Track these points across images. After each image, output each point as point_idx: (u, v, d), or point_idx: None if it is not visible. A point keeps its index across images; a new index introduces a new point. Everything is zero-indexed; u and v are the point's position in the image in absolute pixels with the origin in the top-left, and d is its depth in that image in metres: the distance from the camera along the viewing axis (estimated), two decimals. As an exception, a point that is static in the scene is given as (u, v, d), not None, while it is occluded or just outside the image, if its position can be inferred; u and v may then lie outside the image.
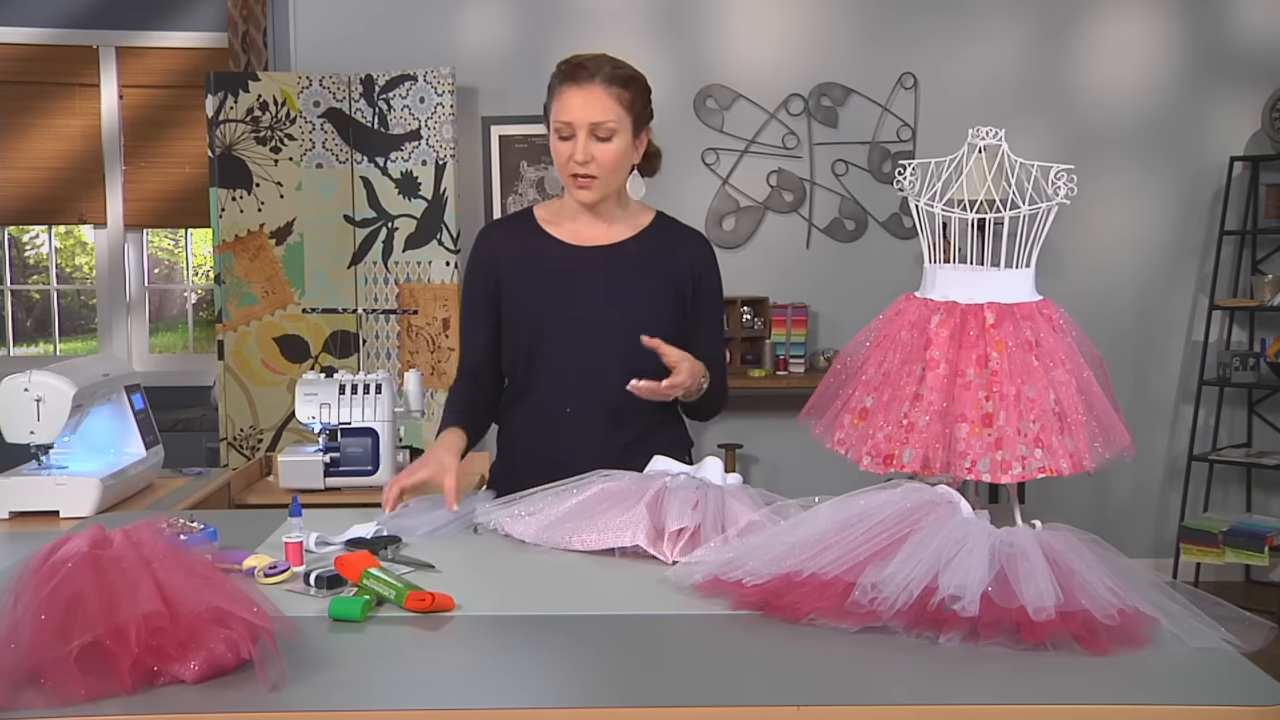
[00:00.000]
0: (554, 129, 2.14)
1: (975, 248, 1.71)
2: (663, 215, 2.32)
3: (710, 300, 2.29)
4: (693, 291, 2.26)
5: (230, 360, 4.54)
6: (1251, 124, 4.96)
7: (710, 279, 2.29)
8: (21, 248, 5.64)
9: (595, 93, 2.11)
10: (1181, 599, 1.43)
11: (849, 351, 1.75)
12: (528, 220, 2.29)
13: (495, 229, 2.32)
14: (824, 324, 5.05)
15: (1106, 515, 5.06)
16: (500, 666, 1.37)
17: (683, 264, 2.25)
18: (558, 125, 2.12)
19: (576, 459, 2.05)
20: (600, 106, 2.10)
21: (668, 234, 2.28)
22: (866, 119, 4.97)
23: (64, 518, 2.32)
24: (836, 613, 1.43)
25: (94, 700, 1.22)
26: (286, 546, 1.71)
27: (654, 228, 2.28)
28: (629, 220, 2.26)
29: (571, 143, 2.12)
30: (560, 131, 2.12)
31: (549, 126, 2.18)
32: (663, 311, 2.20)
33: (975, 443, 1.58)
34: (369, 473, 2.95)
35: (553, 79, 2.16)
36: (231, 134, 4.50)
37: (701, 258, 2.28)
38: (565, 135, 2.12)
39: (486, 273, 2.26)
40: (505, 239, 2.28)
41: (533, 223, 2.28)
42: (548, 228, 2.26)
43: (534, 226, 2.27)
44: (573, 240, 2.23)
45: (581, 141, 2.11)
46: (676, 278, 2.24)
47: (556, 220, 2.27)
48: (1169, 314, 5.08)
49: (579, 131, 2.11)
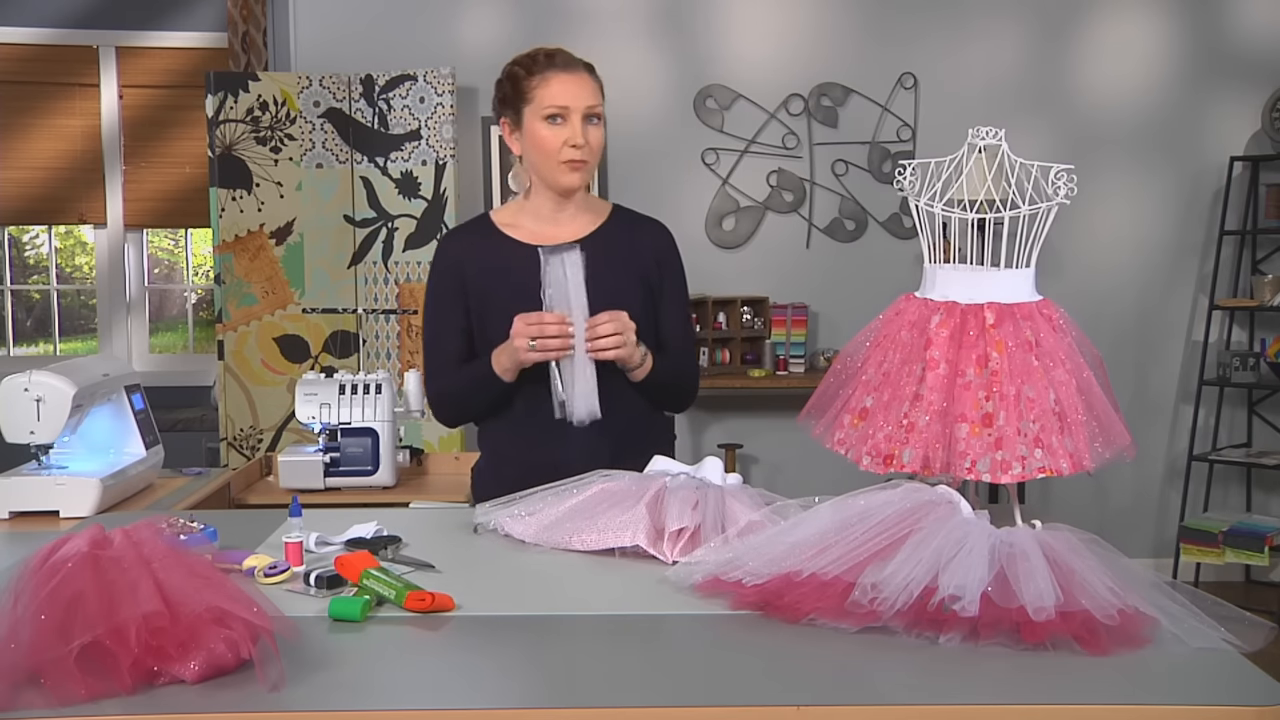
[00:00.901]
0: (541, 116, 2.14)
1: (975, 248, 1.71)
2: (620, 208, 2.33)
3: (674, 286, 2.30)
4: (658, 279, 2.27)
5: (230, 360, 4.54)
6: (1251, 124, 4.96)
7: (674, 265, 2.30)
8: (21, 248, 5.64)
9: (583, 78, 2.16)
10: (1181, 599, 1.43)
11: (849, 351, 1.75)
12: (487, 226, 2.28)
13: (455, 238, 2.31)
14: (824, 324, 5.05)
15: (1106, 515, 5.06)
16: (500, 666, 1.37)
17: (647, 253, 2.26)
18: (550, 110, 2.13)
19: (559, 459, 2.06)
20: (590, 90, 2.16)
21: (629, 225, 2.28)
22: (866, 119, 4.97)
23: (64, 518, 2.32)
24: (836, 613, 1.43)
25: (94, 700, 1.22)
26: (286, 546, 1.71)
27: (614, 220, 2.28)
28: (590, 215, 2.27)
29: (564, 128, 2.13)
30: (551, 117, 2.13)
31: (516, 119, 2.18)
32: (633, 303, 2.20)
33: (975, 443, 1.58)
34: (369, 473, 2.95)
35: (519, 70, 2.17)
36: (231, 134, 4.50)
37: (664, 246, 2.29)
38: (558, 121, 2.13)
39: (453, 282, 2.25)
40: (467, 247, 2.26)
41: (492, 228, 2.27)
42: (509, 231, 2.25)
43: (494, 231, 2.26)
44: (536, 241, 2.22)
45: (578, 124, 2.13)
46: (643, 268, 2.25)
47: (516, 223, 2.26)
48: (1169, 314, 5.08)
49: (574, 115, 2.13)
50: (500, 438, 2.28)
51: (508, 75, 2.20)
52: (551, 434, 2.17)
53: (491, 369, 2.16)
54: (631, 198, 4.80)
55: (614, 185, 4.94)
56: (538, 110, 2.14)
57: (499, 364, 2.15)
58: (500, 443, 2.29)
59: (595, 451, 2.10)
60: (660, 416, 2.34)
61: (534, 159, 2.18)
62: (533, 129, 2.15)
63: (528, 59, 2.18)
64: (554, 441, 2.17)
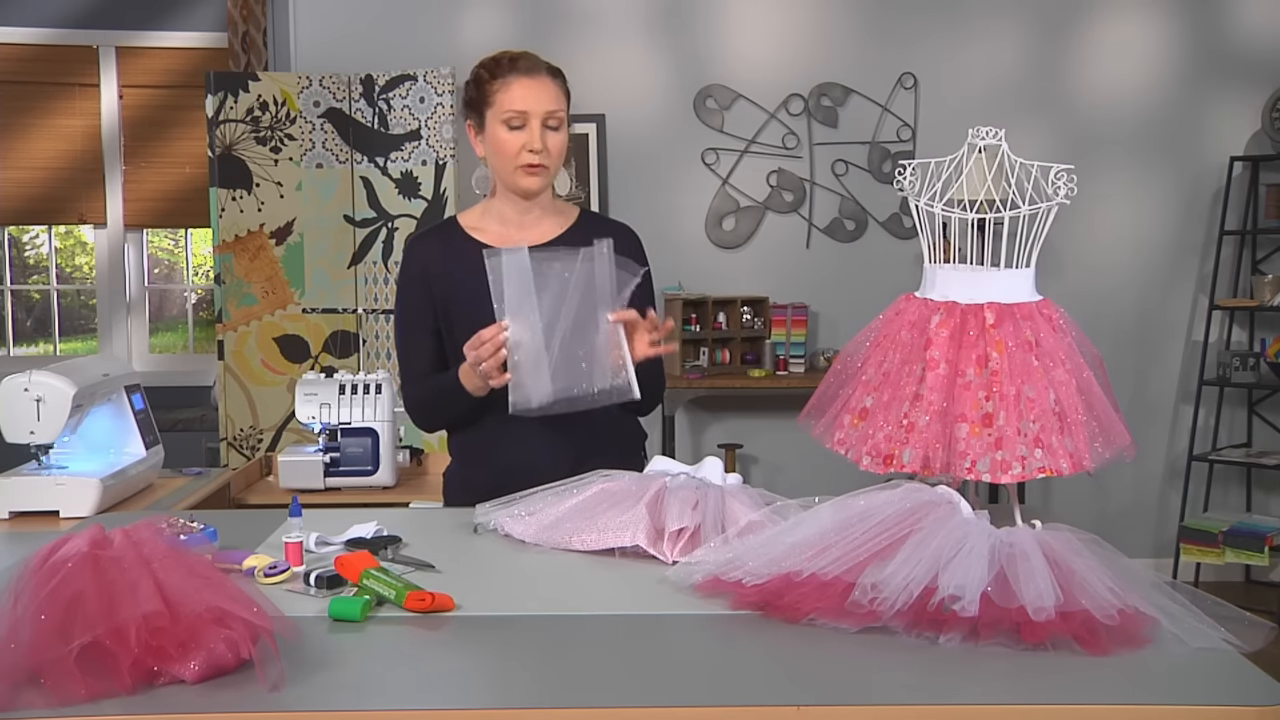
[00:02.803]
0: (500, 120, 2.14)
1: (975, 248, 1.71)
2: (586, 212, 2.33)
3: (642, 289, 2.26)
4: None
5: (230, 360, 4.54)
6: (1251, 124, 4.96)
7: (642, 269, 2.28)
8: (21, 248, 5.64)
9: (545, 83, 2.16)
10: (1181, 599, 1.43)
11: (849, 351, 1.75)
12: (454, 230, 2.27)
13: (422, 243, 2.29)
14: (824, 324, 5.05)
15: (1106, 515, 5.06)
16: (500, 666, 1.37)
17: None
18: (508, 115, 2.13)
19: (533, 462, 2.06)
20: (551, 95, 2.15)
21: (596, 227, 2.27)
22: (866, 119, 4.98)
23: (64, 518, 2.32)
24: (836, 613, 1.43)
25: (94, 700, 1.22)
26: (286, 546, 1.71)
27: (581, 224, 2.28)
28: (556, 218, 2.26)
29: (523, 132, 2.13)
30: (510, 121, 2.13)
31: (480, 122, 2.18)
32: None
33: (975, 443, 1.58)
34: (369, 473, 2.95)
35: (483, 73, 2.17)
36: (231, 134, 4.50)
37: (632, 249, 2.27)
38: (516, 125, 2.13)
39: (420, 289, 2.24)
40: (432, 253, 2.25)
41: (459, 232, 2.26)
42: (476, 235, 2.24)
43: (462, 235, 2.25)
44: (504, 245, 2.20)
45: (536, 129, 2.13)
46: None
47: (483, 226, 2.26)
48: (1169, 314, 5.08)
49: (533, 120, 2.13)
50: (463, 440, 2.29)
51: (473, 78, 2.20)
52: (513, 436, 2.16)
53: (461, 385, 2.14)
54: (632, 198, 4.82)
55: (614, 185, 4.94)
56: (498, 114, 2.14)
57: (468, 383, 2.13)
58: (463, 445, 2.29)
59: (558, 453, 2.11)
60: (628, 418, 2.32)
61: (494, 162, 2.19)
62: (493, 132, 2.16)
63: (492, 62, 2.18)
64: (516, 443, 2.17)
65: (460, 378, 2.14)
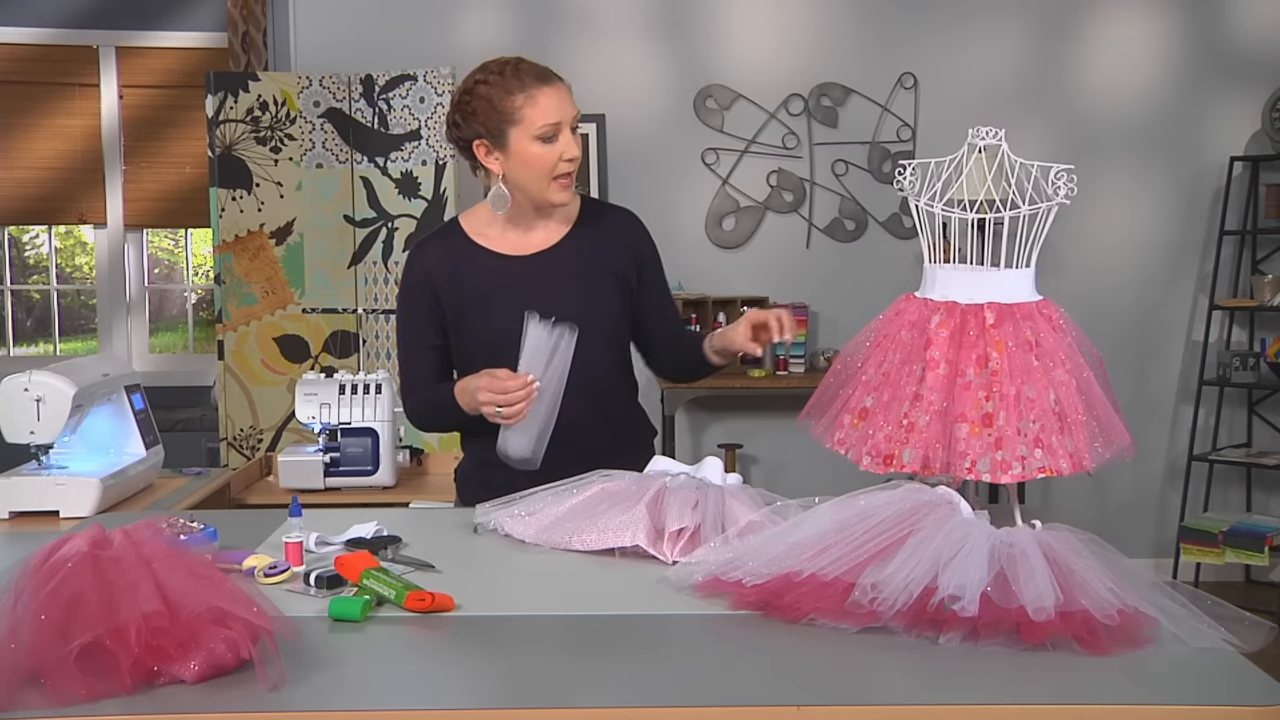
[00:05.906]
0: (533, 135, 2.07)
1: (975, 248, 1.71)
2: (587, 200, 2.29)
3: (655, 274, 2.29)
4: (637, 271, 2.25)
5: (230, 360, 4.54)
6: (1251, 124, 4.96)
7: (650, 251, 2.29)
8: (21, 248, 5.64)
9: (561, 88, 2.12)
10: (1181, 599, 1.43)
11: (849, 351, 1.75)
12: (458, 235, 2.23)
13: (424, 251, 2.23)
14: (824, 324, 5.05)
15: (1106, 515, 5.06)
16: (500, 666, 1.37)
17: (619, 247, 2.24)
18: (543, 129, 2.06)
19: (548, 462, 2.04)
20: (570, 99, 2.13)
21: (599, 219, 2.26)
22: (866, 119, 4.97)
23: (64, 518, 2.32)
24: (836, 613, 1.43)
25: (94, 700, 1.22)
26: (286, 546, 1.71)
27: (585, 217, 2.25)
28: (561, 215, 2.23)
29: (557, 143, 2.08)
30: (544, 135, 2.07)
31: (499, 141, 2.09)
32: (611, 300, 2.20)
33: (975, 443, 1.58)
34: (369, 473, 2.95)
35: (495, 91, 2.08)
36: (231, 134, 4.50)
37: (636, 234, 2.26)
38: (550, 138, 2.08)
39: (426, 296, 2.20)
40: (437, 260, 2.20)
41: (464, 237, 2.22)
42: (482, 241, 2.21)
43: (467, 241, 2.21)
44: (512, 251, 2.20)
45: (570, 137, 2.10)
46: (615, 263, 2.22)
47: (488, 232, 2.22)
48: (1169, 314, 5.08)
49: (564, 129, 2.09)
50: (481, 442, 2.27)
51: (482, 96, 2.10)
52: None
53: (457, 402, 2.11)
54: (632, 198, 4.81)
55: (614, 185, 4.94)
56: (528, 130, 2.07)
57: (464, 402, 2.10)
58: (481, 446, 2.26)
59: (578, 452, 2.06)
60: (641, 416, 2.33)
61: (524, 178, 2.11)
62: (523, 149, 2.08)
63: (499, 77, 2.09)
64: None
65: (456, 394, 2.12)
